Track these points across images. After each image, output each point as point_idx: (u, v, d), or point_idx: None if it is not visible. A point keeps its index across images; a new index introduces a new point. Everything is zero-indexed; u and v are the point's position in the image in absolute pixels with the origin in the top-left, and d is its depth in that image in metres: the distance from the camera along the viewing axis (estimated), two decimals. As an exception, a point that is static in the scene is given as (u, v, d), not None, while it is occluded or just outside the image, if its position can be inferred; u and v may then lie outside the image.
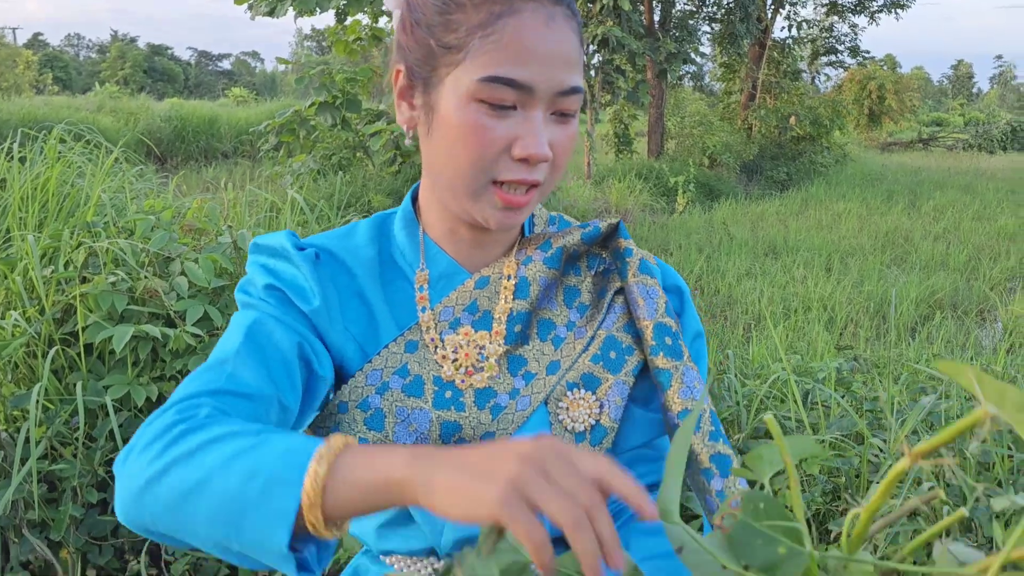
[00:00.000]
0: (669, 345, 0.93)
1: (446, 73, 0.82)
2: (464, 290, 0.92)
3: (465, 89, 0.81)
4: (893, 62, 57.65)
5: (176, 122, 18.11)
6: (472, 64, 0.80)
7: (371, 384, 0.87)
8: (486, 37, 0.80)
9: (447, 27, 0.82)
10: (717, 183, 14.69)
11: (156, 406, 2.76)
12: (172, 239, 2.97)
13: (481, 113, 0.80)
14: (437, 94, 0.83)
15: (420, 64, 0.85)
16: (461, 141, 0.81)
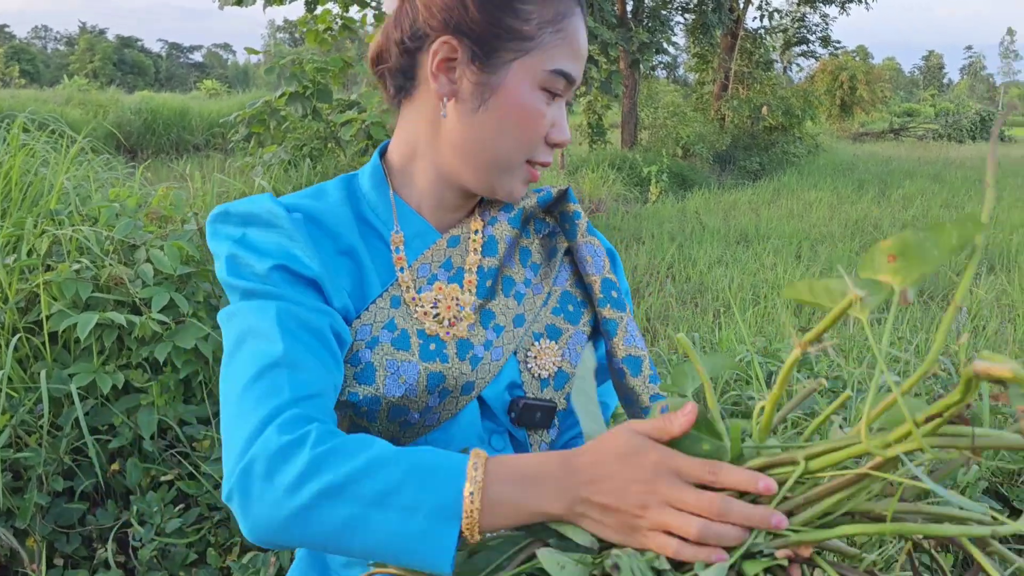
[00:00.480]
0: (615, 298, 1.01)
1: (512, 57, 0.87)
2: (438, 248, 0.96)
3: (535, 77, 0.88)
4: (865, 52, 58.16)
5: (146, 115, 17.89)
6: (543, 55, 0.87)
7: (361, 339, 0.89)
8: (556, 32, 0.88)
9: (519, 15, 0.87)
10: (690, 173, 14.78)
11: (122, 393, 2.75)
12: (137, 227, 2.96)
13: (542, 100, 0.89)
14: (500, 75, 0.87)
15: (483, 43, 0.87)
16: (522, 122, 0.88)
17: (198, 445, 2.75)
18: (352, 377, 0.88)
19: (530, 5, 0.87)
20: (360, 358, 0.89)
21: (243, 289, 0.84)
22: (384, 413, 0.89)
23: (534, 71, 0.88)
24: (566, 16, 0.88)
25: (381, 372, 0.88)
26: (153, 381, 2.75)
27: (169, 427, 2.80)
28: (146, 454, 2.74)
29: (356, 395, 0.88)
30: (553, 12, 0.88)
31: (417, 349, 0.90)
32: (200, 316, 2.85)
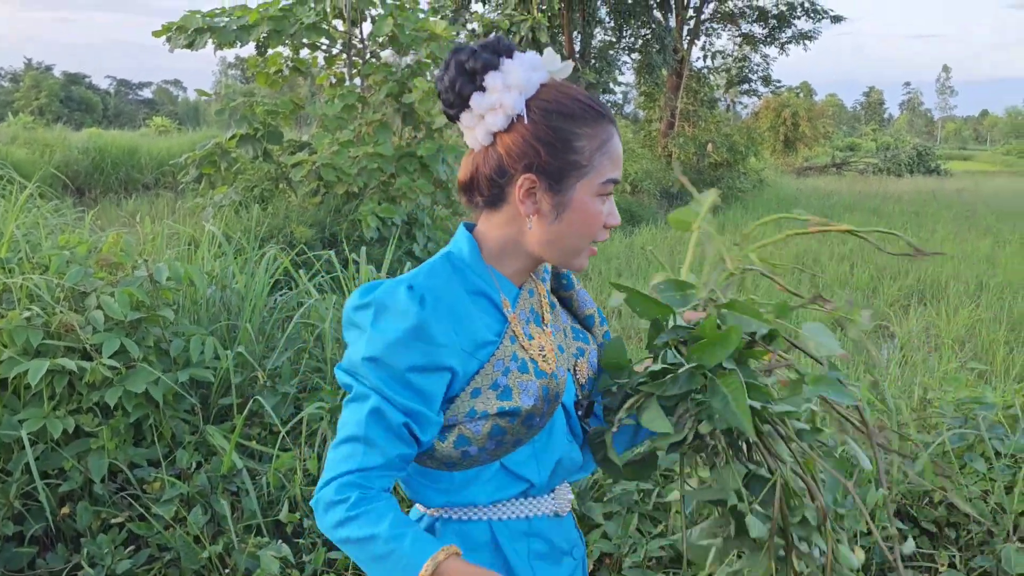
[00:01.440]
0: (603, 318, 1.47)
1: (575, 181, 1.22)
2: (524, 299, 1.32)
3: (593, 190, 1.22)
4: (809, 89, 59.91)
5: (94, 153, 17.63)
6: (596, 173, 1.22)
7: (498, 370, 1.23)
8: (602, 155, 1.22)
9: (576, 151, 1.21)
10: (638, 209, 15.10)
11: (73, 438, 2.80)
12: (87, 274, 3.03)
13: (599, 203, 1.24)
14: (569, 195, 1.22)
15: (553, 175, 1.21)
16: (587, 224, 1.23)
17: (149, 487, 2.81)
18: (496, 397, 1.22)
19: (583, 142, 1.21)
20: (498, 383, 1.23)
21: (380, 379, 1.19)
22: (520, 419, 1.23)
23: (592, 186, 1.22)
24: (607, 140, 1.22)
25: (516, 391, 1.23)
26: (104, 425, 2.81)
27: (120, 470, 2.85)
28: (96, 497, 2.79)
29: (502, 408, 1.21)
30: (599, 141, 1.22)
31: (533, 372, 1.26)
32: (151, 360, 2.93)
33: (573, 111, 1.21)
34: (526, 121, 1.20)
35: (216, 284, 3.62)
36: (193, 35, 7.52)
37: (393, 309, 1.18)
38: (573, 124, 1.21)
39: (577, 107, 1.22)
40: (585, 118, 1.21)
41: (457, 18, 15.64)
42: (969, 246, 11.50)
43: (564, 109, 1.21)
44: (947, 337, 6.40)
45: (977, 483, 2.69)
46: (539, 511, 1.32)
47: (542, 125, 1.21)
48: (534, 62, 1.22)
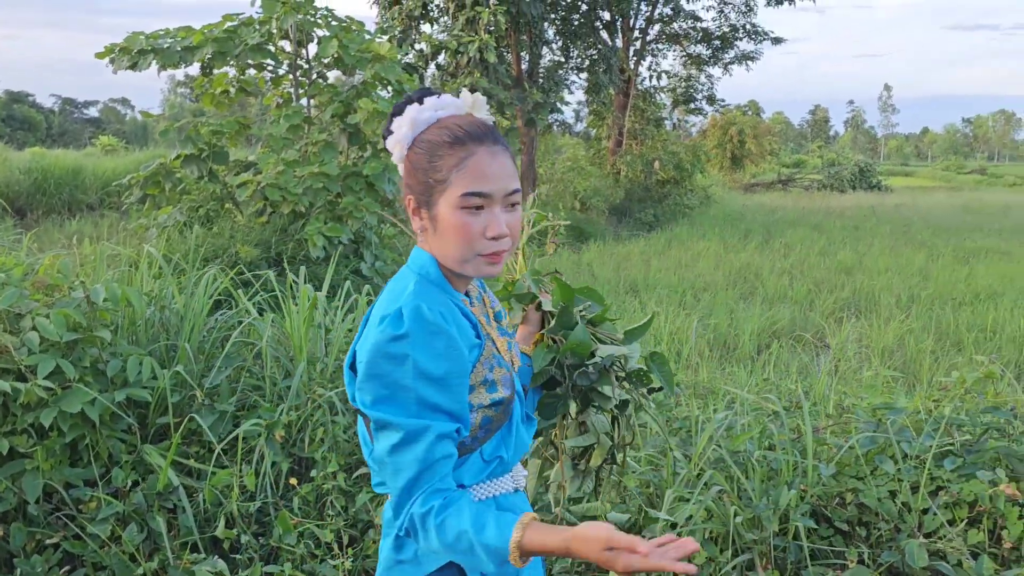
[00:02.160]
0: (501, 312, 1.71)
1: (439, 196, 1.38)
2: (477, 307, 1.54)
3: (453, 203, 1.37)
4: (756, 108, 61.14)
5: (37, 173, 17.29)
6: (454, 188, 1.37)
7: (486, 367, 1.44)
8: (460, 171, 1.37)
9: (436, 169, 1.39)
10: (587, 226, 15.31)
11: (7, 459, 2.81)
12: (23, 295, 3.04)
13: (464, 215, 1.37)
14: (436, 209, 1.39)
15: (422, 194, 1.41)
16: (456, 235, 1.38)
17: (84, 507, 2.82)
18: (485, 391, 1.43)
19: (442, 162, 1.38)
20: (488, 379, 1.44)
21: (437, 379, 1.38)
22: (504, 406, 1.46)
23: (452, 199, 1.37)
24: (467, 158, 1.37)
25: (499, 384, 1.45)
26: (39, 446, 2.82)
27: (55, 490, 2.87)
28: (31, 518, 2.80)
29: (494, 399, 1.44)
30: (456, 159, 1.37)
31: (504, 366, 1.49)
32: (87, 381, 2.95)
33: (440, 139, 1.40)
34: (409, 153, 1.44)
35: (155, 305, 3.65)
36: (136, 56, 7.51)
37: (427, 329, 1.33)
38: (436, 148, 1.40)
39: (444, 135, 1.40)
40: (449, 143, 1.39)
41: (405, 38, 15.76)
42: (904, 259, 11.89)
43: (433, 138, 1.41)
44: (877, 347, 6.64)
45: (886, 484, 2.84)
46: (503, 489, 1.51)
47: (416, 153, 1.43)
48: (438, 104, 1.44)
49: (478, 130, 1.41)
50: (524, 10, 15.47)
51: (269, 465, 3.03)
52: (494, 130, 1.45)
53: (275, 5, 7.62)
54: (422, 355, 1.31)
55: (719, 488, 2.61)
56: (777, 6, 22.05)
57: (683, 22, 23.24)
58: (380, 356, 1.32)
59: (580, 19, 19.73)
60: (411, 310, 1.33)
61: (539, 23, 16.57)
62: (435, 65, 15.34)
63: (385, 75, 7.73)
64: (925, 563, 2.49)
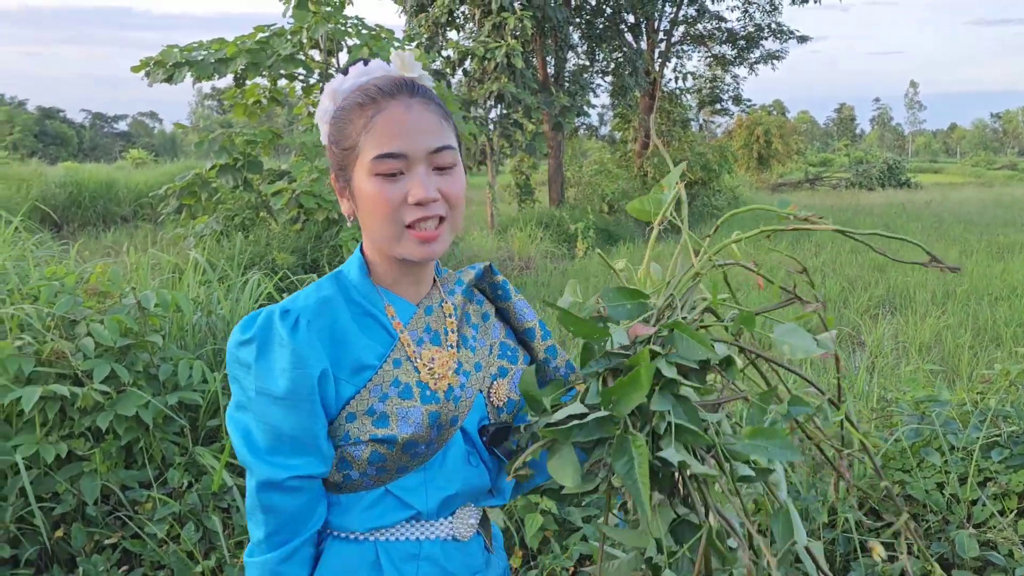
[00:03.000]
0: (547, 331, 1.41)
1: (352, 168, 1.18)
2: (419, 317, 1.28)
3: (365, 170, 1.16)
4: (782, 107, 60.79)
5: (72, 187, 17.65)
6: (365, 152, 1.16)
7: (374, 396, 1.19)
8: (368, 132, 1.16)
9: (345, 137, 1.19)
10: (616, 228, 15.31)
11: (65, 462, 2.89)
12: (76, 303, 3.13)
13: (380, 182, 1.15)
14: (353, 182, 1.19)
15: (340, 168, 1.22)
16: (373, 205, 1.16)
17: (140, 508, 2.89)
18: (371, 424, 1.18)
19: (350, 127, 1.18)
20: (375, 409, 1.19)
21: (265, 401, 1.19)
22: (399, 447, 1.19)
23: (364, 165, 1.17)
24: (373, 116, 1.16)
25: (393, 419, 1.19)
26: (95, 449, 2.90)
27: (112, 492, 2.94)
28: (90, 519, 2.87)
29: (376, 435, 1.18)
30: (364, 120, 1.17)
31: (418, 397, 1.21)
32: (140, 384, 3.03)
33: (348, 103, 1.20)
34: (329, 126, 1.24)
35: (202, 310, 3.73)
36: (172, 69, 7.66)
37: (270, 340, 1.16)
38: (346, 115, 1.20)
39: (353, 97, 1.20)
40: (355, 105, 1.19)
41: (432, 46, 15.88)
42: (937, 255, 11.75)
43: (343, 104, 1.22)
44: (914, 344, 6.58)
45: (933, 476, 2.83)
46: (432, 535, 1.26)
47: (331, 126, 1.23)
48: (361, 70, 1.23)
49: (391, 84, 1.19)
50: (549, 15, 15.53)
51: (318, 465, 3.08)
52: (414, 82, 1.22)
53: (306, 15, 7.74)
54: (262, 367, 1.16)
55: (767, 481, 2.63)
56: (802, 5, 21.94)
57: (708, 23, 23.19)
58: (230, 359, 1.20)
59: (605, 22, 19.76)
60: (266, 315, 1.18)
61: (564, 27, 16.62)
62: (462, 71, 15.44)
63: (415, 82, 7.80)
64: (976, 553, 2.48)
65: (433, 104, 1.20)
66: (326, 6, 7.93)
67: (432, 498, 1.24)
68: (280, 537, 1.18)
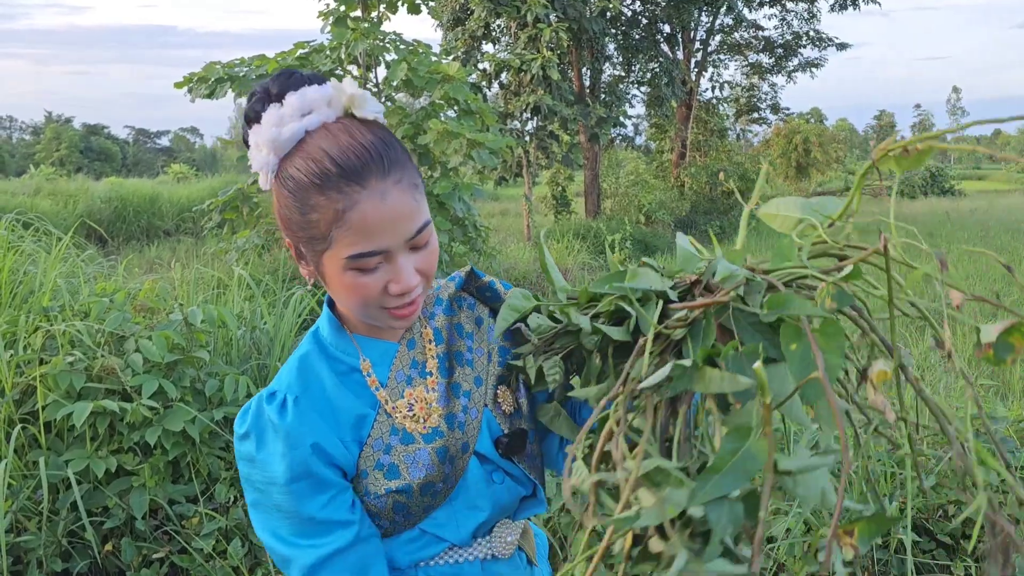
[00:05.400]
0: None
1: (320, 254, 1.06)
2: (402, 355, 1.21)
3: (339, 265, 1.04)
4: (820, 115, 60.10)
5: (116, 202, 18.01)
6: (338, 248, 1.03)
7: (378, 450, 1.15)
8: (340, 227, 1.01)
9: (310, 224, 1.04)
10: (653, 239, 15.22)
11: (114, 477, 2.93)
12: (126, 319, 3.17)
13: (357, 276, 1.05)
14: (320, 267, 1.08)
15: (301, 245, 1.08)
16: (349, 294, 1.07)
17: (187, 523, 2.92)
18: (383, 477, 1.14)
19: (315, 215, 1.03)
20: (382, 463, 1.15)
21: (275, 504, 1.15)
22: (417, 492, 1.15)
23: (336, 261, 1.04)
24: (346, 210, 1.01)
25: (403, 467, 1.15)
26: (144, 464, 2.93)
27: (159, 507, 2.97)
28: (138, 533, 2.90)
29: (391, 488, 1.14)
30: (333, 212, 1.01)
31: (421, 439, 1.16)
32: (187, 400, 3.06)
33: (309, 178, 1.03)
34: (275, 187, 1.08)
35: (246, 325, 3.76)
36: (214, 85, 7.77)
37: (268, 427, 1.11)
38: (306, 194, 1.04)
39: (316, 171, 1.03)
40: (321, 185, 1.02)
41: (468, 59, 15.97)
42: (984, 265, 11.52)
43: (299, 176, 1.04)
44: (963, 357, 6.44)
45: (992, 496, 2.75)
46: (470, 556, 1.23)
47: (282, 195, 1.07)
48: (299, 106, 1.06)
49: (354, 161, 1.02)
50: (585, 27, 15.54)
51: (362, 481, 3.08)
52: (378, 150, 1.05)
53: (345, 32, 7.82)
54: (264, 458, 1.11)
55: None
56: (841, 11, 21.71)
57: (745, 32, 23.04)
58: (237, 458, 1.15)
59: (641, 33, 19.72)
60: (255, 404, 1.14)
61: (600, 39, 16.62)
62: (498, 84, 15.50)
63: (454, 95, 7.84)
64: (1038, 577, 2.41)
65: (404, 173, 1.06)
66: (364, 22, 8.01)
67: (463, 528, 1.20)
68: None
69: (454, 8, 16.42)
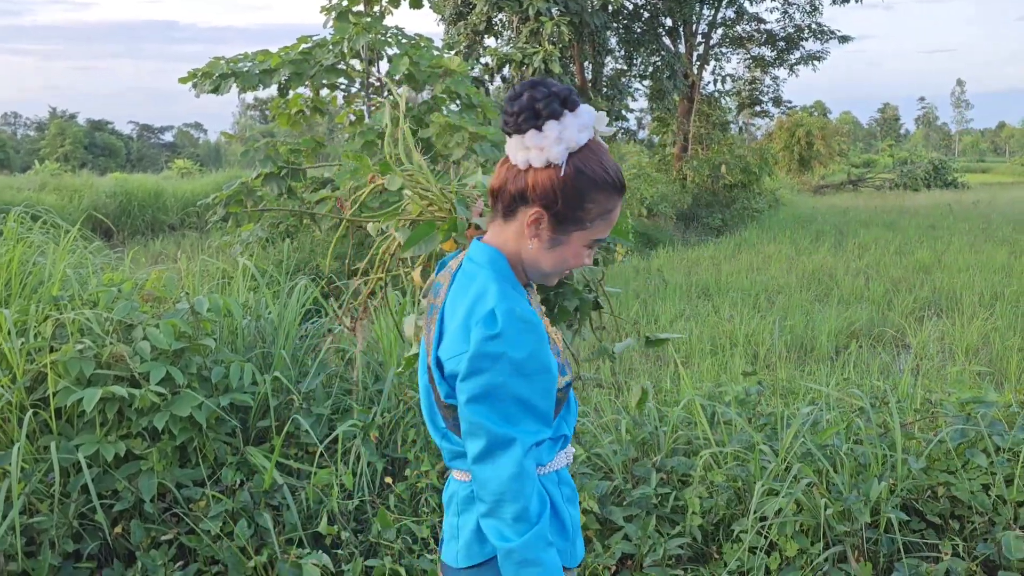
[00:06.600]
0: None
1: (574, 231, 1.48)
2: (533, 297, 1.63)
3: (585, 242, 1.50)
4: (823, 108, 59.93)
5: (121, 197, 18.10)
6: (592, 231, 1.49)
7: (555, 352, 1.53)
8: (602, 220, 1.48)
9: (585, 211, 1.46)
10: (655, 232, 15.27)
11: (123, 461, 3.00)
12: (134, 308, 3.24)
13: (585, 252, 1.52)
14: (566, 238, 1.49)
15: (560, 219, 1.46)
16: (571, 262, 1.52)
17: (195, 505, 2.99)
18: (560, 376, 1.51)
19: (592, 205, 1.46)
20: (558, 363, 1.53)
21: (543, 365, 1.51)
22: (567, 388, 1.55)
23: (585, 239, 1.49)
24: (611, 210, 1.49)
25: (566, 367, 1.57)
26: (152, 448, 3.00)
27: (167, 490, 3.05)
28: (147, 516, 2.98)
29: (567, 380, 1.55)
30: (604, 209, 1.48)
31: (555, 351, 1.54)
32: (194, 387, 3.13)
33: (596, 180, 1.45)
34: (562, 172, 1.43)
35: (251, 315, 3.83)
36: (218, 80, 7.84)
37: (519, 328, 1.41)
38: (592, 190, 1.45)
39: (601, 177, 1.46)
40: (603, 188, 1.46)
41: (470, 53, 16.01)
42: (985, 257, 11.56)
43: (592, 175, 1.45)
44: (961, 346, 6.50)
45: (979, 477, 2.82)
46: (561, 464, 1.59)
47: (570, 180, 1.44)
48: (586, 121, 1.44)
49: (621, 179, 1.50)
50: (587, 20, 15.57)
51: (365, 465, 3.16)
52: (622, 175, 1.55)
53: (347, 26, 7.87)
54: (516, 352, 1.38)
55: (808, 481, 2.64)
56: (843, 4, 21.69)
57: (746, 25, 23.03)
58: (478, 356, 1.39)
59: (642, 26, 19.74)
60: (503, 310, 1.40)
61: (602, 32, 16.64)
62: (500, 77, 15.54)
63: (455, 89, 7.90)
64: (1023, 555, 2.47)
65: None
66: (367, 17, 8.06)
67: (570, 425, 1.62)
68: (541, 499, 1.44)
69: (456, 3, 16.45)
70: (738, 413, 3.11)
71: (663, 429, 3.29)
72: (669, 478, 3.02)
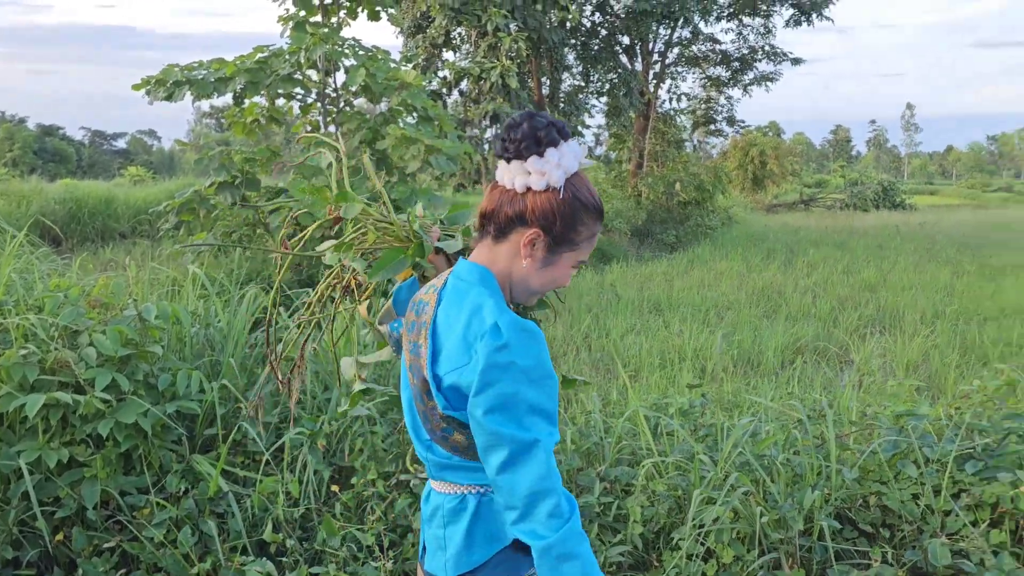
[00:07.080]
0: None
1: (566, 251, 1.59)
2: None
3: (572, 262, 1.61)
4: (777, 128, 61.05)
5: (71, 203, 17.71)
6: (580, 253, 1.60)
7: None
8: (589, 242, 1.60)
9: (577, 232, 1.57)
10: (609, 247, 15.42)
11: (66, 469, 2.97)
12: (80, 314, 3.22)
13: (572, 271, 1.63)
14: (557, 258, 1.59)
15: (555, 240, 1.56)
16: (558, 281, 1.62)
17: (139, 513, 2.97)
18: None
19: (583, 228, 1.57)
20: None
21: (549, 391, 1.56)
22: None
23: (573, 259, 1.61)
24: (595, 234, 1.61)
25: None
26: (96, 455, 2.98)
27: (111, 498, 3.02)
28: (89, 523, 2.95)
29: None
30: (591, 233, 1.59)
31: None
32: (140, 393, 3.11)
33: (588, 205, 1.59)
34: (560, 195, 1.54)
35: (200, 323, 3.82)
36: (172, 87, 7.78)
37: (524, 337, 1.48)
38: (585, 214, 1.58)
39: (591, 202, 1.60)
40: (592, 213, 1.60)
41: (429, 66, 16.07)
42: (928, 276, 11.89)
43: (585, 201, 1.58)
44: (901, 362, 6.69)
45: (909, 487, 2.92)
46: None
47: (567, 204, 1.56)
48: (577, 152, 1.57)
49: (603, 208, 1.65)
50: (545, 36, 15.73)
51: (312, 473, 3.16)
52: None
53: (304, 36, 7.87)
54: (524, 359, 1.46)
55: (745, 490, 2.72)
56: (795, 27, 22.20)
57: (702, 45, 23.45)
58: (488, 368, 1.45)
59: (600, 44, 19.99)
60: (506, 322, 1.48)
61: (559, 49, 16.83)
62: (458, 91, 15.62)
63: (411, 102, 7.94)
64: (948, 561, 2.57)
65: None
66: (324, 27, 8.07)
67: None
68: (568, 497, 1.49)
69: (415, 16, 16.51)
70: (681, 424, 3.19)
71: (608, 440, 3.35)
72: (612, 487, 3.08)
